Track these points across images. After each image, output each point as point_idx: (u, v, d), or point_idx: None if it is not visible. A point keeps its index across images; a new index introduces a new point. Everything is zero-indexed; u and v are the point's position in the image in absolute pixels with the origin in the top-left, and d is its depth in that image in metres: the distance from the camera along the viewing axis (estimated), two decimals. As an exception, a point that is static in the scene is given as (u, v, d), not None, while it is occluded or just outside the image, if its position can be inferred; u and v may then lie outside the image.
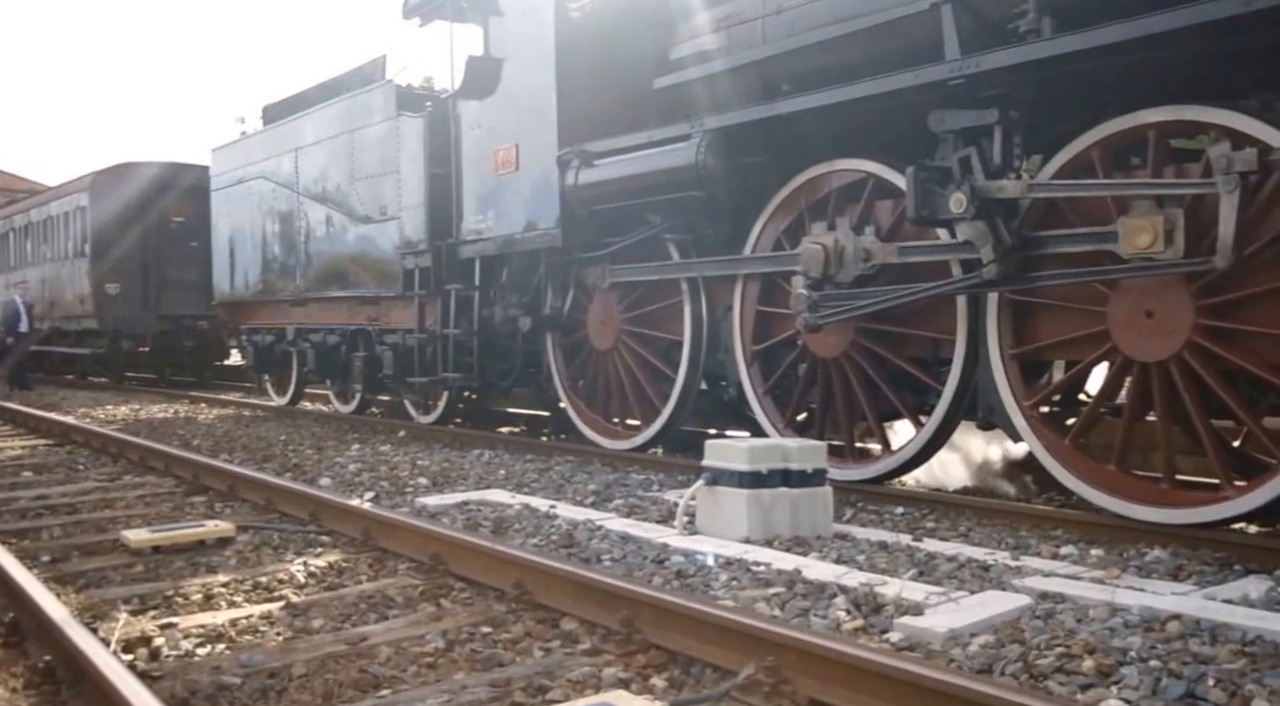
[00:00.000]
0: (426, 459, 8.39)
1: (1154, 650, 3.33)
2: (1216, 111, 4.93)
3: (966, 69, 5.53)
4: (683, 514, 5.44)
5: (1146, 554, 4.79)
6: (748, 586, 4.30)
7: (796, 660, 3.10)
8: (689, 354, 7.83)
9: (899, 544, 5.08)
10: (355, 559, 5.04)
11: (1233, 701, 2.90)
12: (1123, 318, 5.33)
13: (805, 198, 6.98)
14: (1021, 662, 3.25)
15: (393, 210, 10.44)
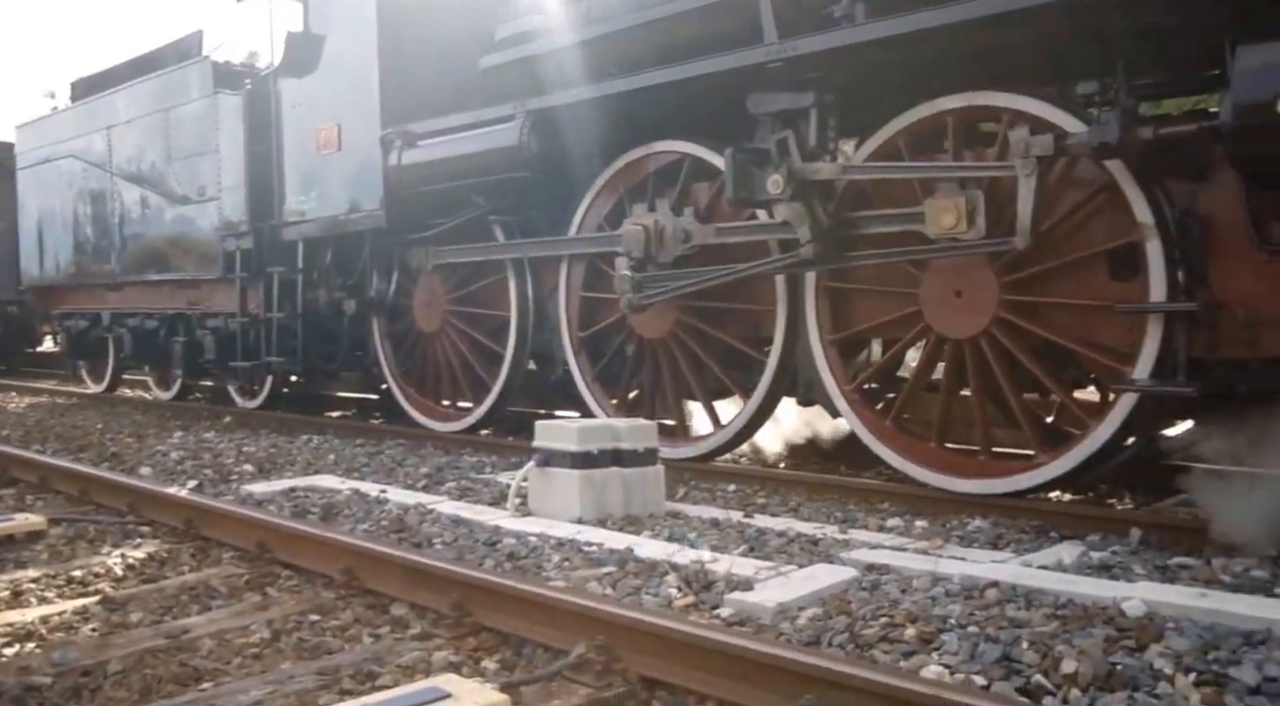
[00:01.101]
0: (252, 445, 8.21)
1: (973, 616, 3.45)
2: (1013, 97, 5.20)
3: (783, 53, 5.65)
4: (514, 495, 5.44)
5: (968, 524, 5.00)
6: (580, 566, 4.32)
7: (628, 638, 3.13)
8: (515, 335, 7.84)
9: (730, 521, 5.16)
10: (176, 549, 4.91)
11: (1044, 662, 3.01)
12: (934, 297, 5.58)
13: (627, 180, 7.07)
14: (848, 633, 3.35)
15: (212, 191, 10.10)
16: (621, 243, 6.73)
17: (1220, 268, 4.75)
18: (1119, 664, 2.95)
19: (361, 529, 5.16)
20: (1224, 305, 4.71)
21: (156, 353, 11.55)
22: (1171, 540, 4.51)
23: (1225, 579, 3.95)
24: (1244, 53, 4.19)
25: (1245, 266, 4.66)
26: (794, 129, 5.79)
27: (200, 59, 10.44)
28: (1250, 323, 4.64)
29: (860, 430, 5.95)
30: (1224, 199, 4.71)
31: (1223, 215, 4.73)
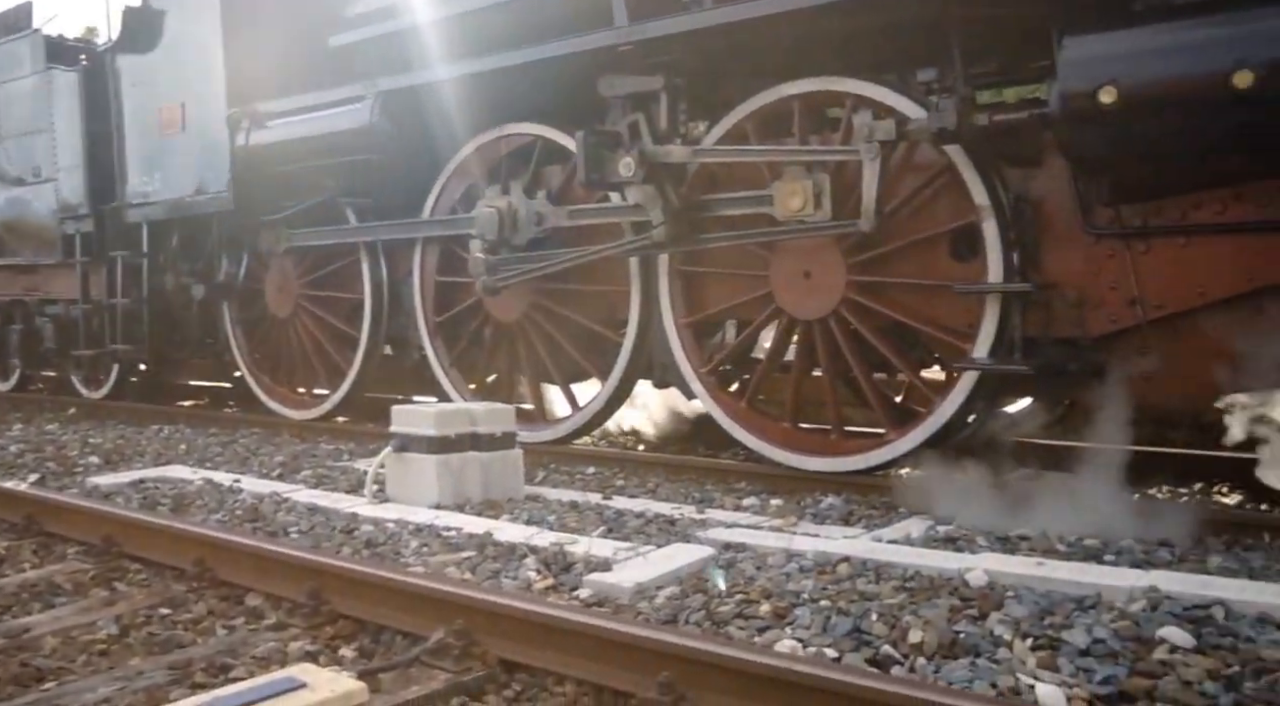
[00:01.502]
0: (99, 436, 7.95)
1: (825, 591, 3.54)
2: (857, 83, 5.35)
3: (632, 36, 5.69)
4: (372, 482, 5.39)
5: (822, 501, 5.12)
6: (438, 551, 4.30)
7: (486, 622, 3.13)
8: (370, 319, 7.73)
9: (589, 503, 5.19)
10: (16, 547, 4.71)
11: (893, 633, 3.10)
12: (784, 279, 5.71)
13: (480, 163, 7.02)
14: (704, 611, 3.40)
15: (48, 171, 9.68)
16: (475, 225, 6.70)
17: (1052, 250, 4.99)
18: (962, 632, 3.07)
19: (214, 519, 5.05)
20: (1055, 286, 4.96)
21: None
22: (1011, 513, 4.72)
23: (1061, 548, 4.16)
24: (1069, 44, 4.40)
25: (1075, 249, 4.91)
26: (645, 112, 5.84)
27: (30, 32, 9.95)
28: (1079, 303, 4.89)
29: (715, 412, 6.05)
30: (1055, 184, 4.95)
31: (1054, 200, 4.97)
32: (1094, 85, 4.25)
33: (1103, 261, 4.83)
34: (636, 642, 2.85)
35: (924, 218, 5.34)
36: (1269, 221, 4.44)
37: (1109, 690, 2.68)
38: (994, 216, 5.00)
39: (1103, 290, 4.83)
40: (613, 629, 2.94)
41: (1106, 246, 4.82)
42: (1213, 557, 4.06)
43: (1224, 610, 3.18)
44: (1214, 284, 4.57)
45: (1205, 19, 4.17)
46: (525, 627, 3.07)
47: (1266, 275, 4.45)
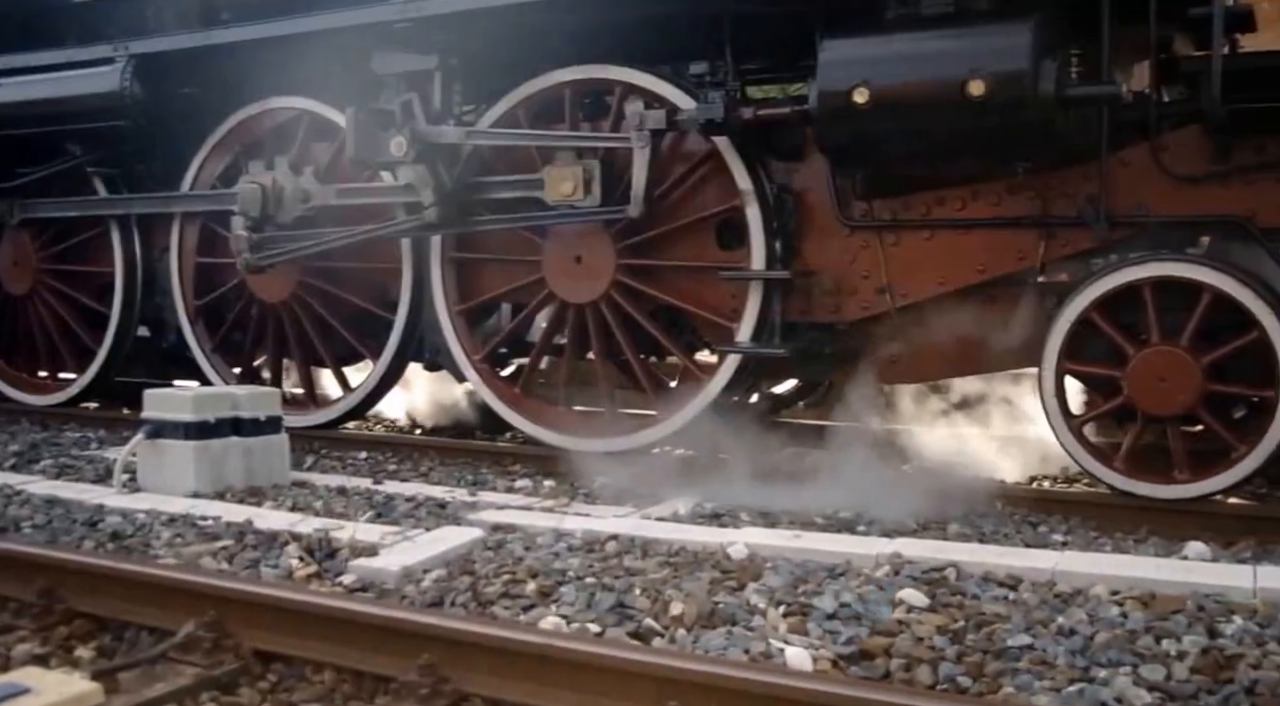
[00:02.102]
0: None
1: (591, 568, 3.59)
2: (629, 72, 5.43)
3: (408, 13, 5.58)
4: (121, 471, 5.10)
5: (595, 481, 5.16)
6: (193, 542, 4.13)
7: (241, 612, 3.03)
8: (122, 299, 7.26)
9: (358, 488, 5.11)
10: None
11: (655, 606, 3.18)
12: (556, 264, 5.74)
13: (243, 136, 6.73)
14: (471, 592, 3.39)
15: None
16: (237, 201, 6.38)
17: (811, 240, 5.25)
18: (721, 603, 3.20)
19: None
20: (814, 274, 5.22)
21: None
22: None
23: (819, 520, 4.39)
24: (828, 46, 4.66)
25: (832, 240, 5.20)
26: (419, 92, 5.76)
27: None
28: (835, 290, 5.18)
29: (489, 397, 6.04)
30: (815, 177, 5.23)
31: (814, 192, 5.25)
32: (848, 85, 4.51)
33: (857, 252, 5.13)
34: (397, 626, 2.83)
35: (693, 205, 5.50)
36: (1000, 218, 4.84)
37: (851, 649, 2.87)
38: (758, 206, 5.20)
39: (856, 279, 5.13)
40: (372, 613, 2.90)
41: (860, 238, 5.12)
42: (951, 525, 4.40)
43: (955, 571, 3.45)
44: (953, 275, 4.94)
45: (947, 30, 4.51)
46: (282, 617, 2.98)
47: (997, 267, 4.86)
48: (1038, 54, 4.28)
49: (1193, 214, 4.59)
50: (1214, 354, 4.39)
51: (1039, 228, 4.79)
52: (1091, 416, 4.74)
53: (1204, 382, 4.38)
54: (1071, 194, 4.73)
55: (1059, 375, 4.63)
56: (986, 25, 4.44)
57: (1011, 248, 4.85)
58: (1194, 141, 4.57)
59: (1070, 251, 4.77)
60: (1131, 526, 4.41)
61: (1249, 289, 4.30)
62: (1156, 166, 4.59)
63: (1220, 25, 4.25)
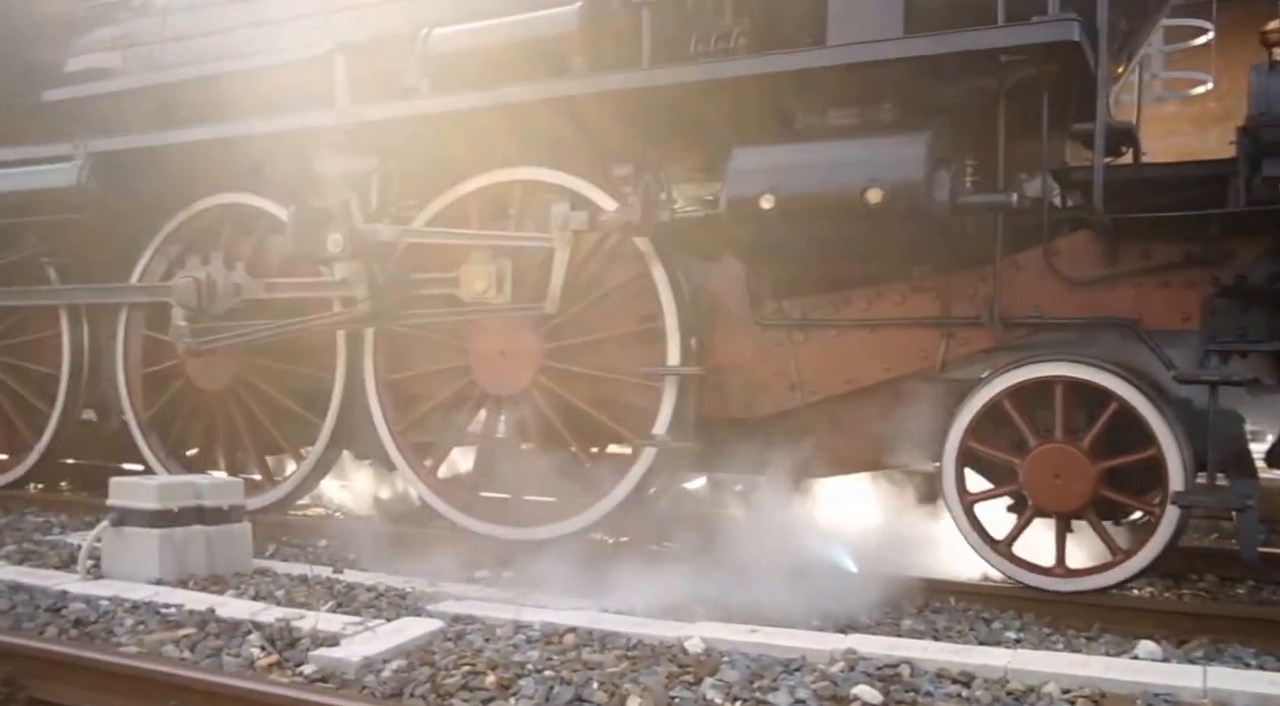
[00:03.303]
0: None
1: (550, 661, 3.64)
2: (555, 174, 5.66)
3: (350, 118, 5.88)
4: (86, 557, 5.12)
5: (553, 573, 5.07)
6: (156, 629, 4.17)
7: (202, 702, 3.07)
8: (67, 384, 7.43)
9: (320, 577, 5.13)
10: None
11: (613, 700, 3.22)
12: (481, 357, 5.92)
13: (192, 229, 6.98)
14: (430, 684, 3.42)
15: None
16: (173, 294, 6.62)
17: (726, 337, 5.45)
18: (677, 697, 3.26)
19: None
20: (728, 370, 5.40)
21: None
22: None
23: (773, 615, 4.34)
24: (737, 154, 4.91)
25: (745, 337, 5.39)
26: (357, 190, 6.00)
27: None
28: (748, 386, 5.36)
29: (417, 485, 6.17)
30: (731, 277, 5.43)
31: (730, 291, 5.45)
32: (756, 192, 4.76)
33: (769, 349, 5.32)
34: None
35: (614, 301, 5.69)
36: (903, 318, 5.06)
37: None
38: (674, 304, 5.41)
39: (768, 376, 5.32)
40: (333, 704, 2.94)
41: (772, 336, 5.31)
42: (905, 620, 4.45)
43: (910, 668, 3.53)
44: (859, 373, 5.14)
45: (849, 141, 4.78)
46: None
47: (902, 365, 5.06)
48: (932, 164, 4.53)
49: (1084, 315, 4.79)
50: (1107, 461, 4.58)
51: (940, 328, 4.99)
52: (983, 496, 4.88)
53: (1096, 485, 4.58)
54: (971, 295, 4.95)
55: (959, 467, 4.82)
56: (885, 137, 4.71)
57: (915, 347, 5.05)
58: (1085, 246, 4.80)
59: (970, 351, 4.97)
60: (1084, 624, 4.45)
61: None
62: (1050, 270, 4.82)
63: (1102, 140, 4.52)
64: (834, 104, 4.94)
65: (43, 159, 7.08)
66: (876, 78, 4.77)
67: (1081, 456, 4.61)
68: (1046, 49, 4.46)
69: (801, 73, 4.83)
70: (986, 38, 4.50)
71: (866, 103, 4.87)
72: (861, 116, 4.85)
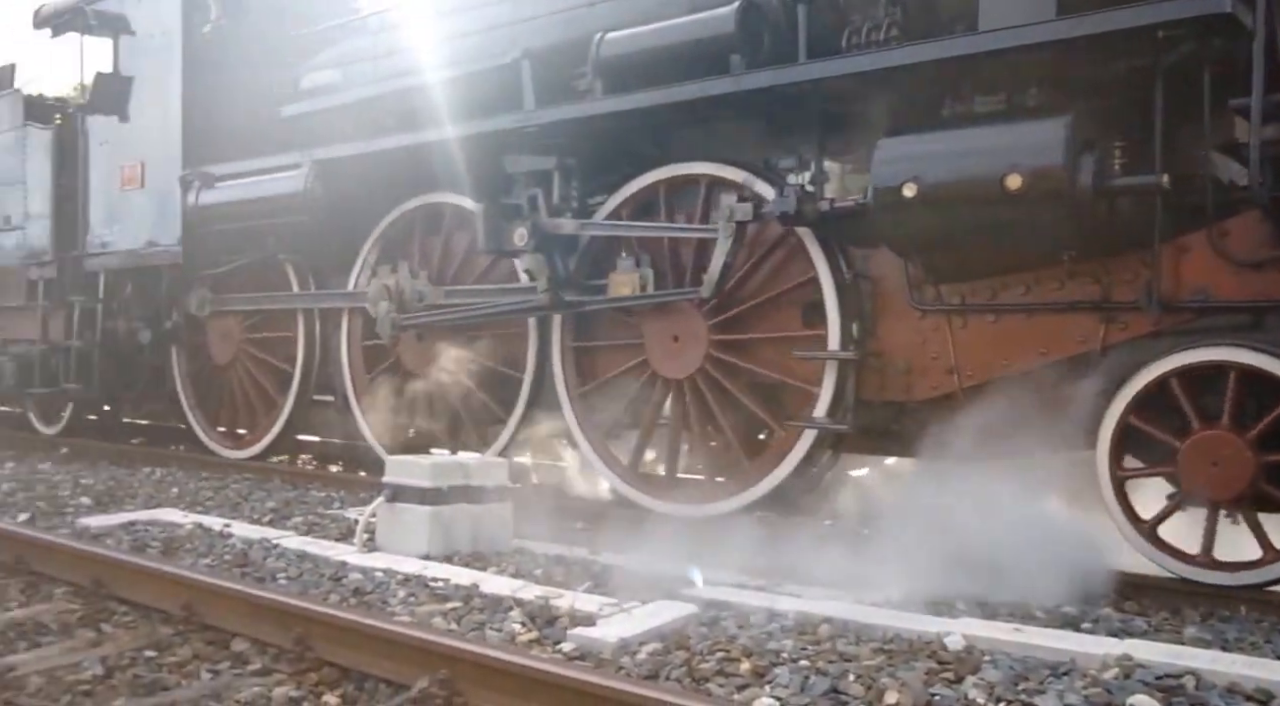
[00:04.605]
0: (91, 477, 7.94)
1: (805, 651, 3.57)
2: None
3: (528, 120, 6.33)
4: (362, 531, 5.41)
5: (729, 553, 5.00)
6: (425, 602, 4.32)
7: (470, 672, 3.14)
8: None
9: (576, 557, 5.19)
10: (4, 585, 4.74)
11: (869, 694, 3.14)
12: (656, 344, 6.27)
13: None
14: (685, 667, 3.41)
15: (18, 220, 10.27)
16: (369, 299, 7.50)
17: (885, 322, 5.54)
18: (937, 695, 3.13)
19: (203, 564, 5.06)
20: (888, 354, 5.50)
21: None
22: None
23: (1039, 615, 4.21)
24: (883, 145, 5.00)
25: (906, 322, 5.46)
26: (543, 187, 6.43)
27: (12, 91, 10.59)
28: (907, 370, 5.44)
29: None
30: (890, 264, 5.51)
31: (890, 278, 5.54)
32: (899, 182, 4.84)
33: (928, 334, 5.37)
34: (617, 697, 2.88)
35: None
36: (1061, 302, 5.01)
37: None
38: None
39: (926, 360, 5.38)
40: (594, 682, 2.96)
41: (930, 321, 5.37)
42: (1188, 628, 4.13)
43: (1195, 680, 3.28)
44: (1017, 357, 5.13)
45: (991, 127, 4.79)
46: (508, 679, 3.09)
47: (1059, 350, 5.02)
48: (1074, 147, 4.46)
49: (1255, 299, 4.60)
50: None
51: (1099, 312, 4.91)
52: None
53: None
54: (1131, 279, 4.83)
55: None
56: (1025, 122, 4.67)
57: (1073, 331, 4.99)
58: (1255, 226, 4.58)
59: (1131, 334, 4.86)
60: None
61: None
62: (1217, 252, 4.65)
63: (1258, 114, 4.32)
64: (982, 90, 4.94)
65: (277, 168, 7.88)
66: (1028, 62, 4.73)
67: (1244, 446, 4.45)
68: (1204, 22, 4.31)
69: (965, 58, 4.81)
70: (1144, 14, 4.38)
71: (1013, 88, 4.85)
72: (1007, 102, 4.84)
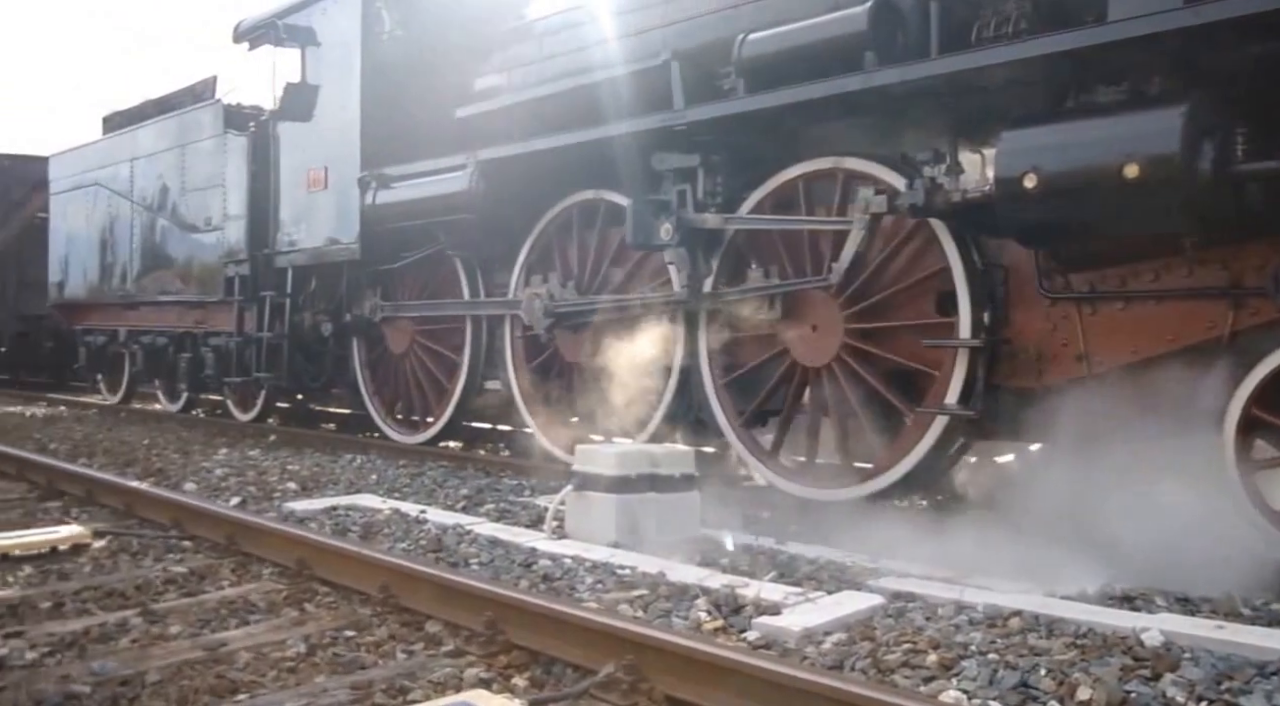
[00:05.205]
0: (296, 463, 8.37)
1: (994, 644, 3.50)
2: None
3: (674, 120, 6.61)
4: (552, 518, 5.52)
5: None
6: (612, 588, 4.38)
7: (655, 659, 3.16)
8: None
9: (762, 547, 5.21)
10: (217, 564, 5.00)
11: (1061, 689, 3.07)
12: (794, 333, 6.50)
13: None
14: (870, 658, 3.39)
15: (217, 221, 11.18)
16: (523, 308, 8.12)
17: (1017, 310, 5.62)
18: (1133, 692, 3.04)
19: (400, 548, 5.24)
20: (1018, 341, 5.59)
21: (165, 367, 12.68)
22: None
23: (1245, 612, 4.01)
24: (1005, 136, 5.09)
25: (1036, 310, 5.54)
26: (691, 183, 6.74)
27: (213, 101, 11.58)
28: (1038, 357, 5.51)
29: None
30: (1021, 252, 5.57)
31: (1020, 266, 5.61)
32: (1019, 172, 4.92)
33: (1058, 321, 5.44)
34: (801, 686, 2.86)
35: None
36: (1190, 289, 5.03)
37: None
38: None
39: (1056, 347, 5.44)
40: (778, 671, 2.96)
41: (1061, 308, 5.43)
42: None
43: None
44: (1146, 343, 5.17)
45: (1106, 117, 4.83)
46: (693, 666, 3.10)
47: (1187, 336, 5.04)
48: (1192, 134, 4.46)
49: None
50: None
51: (1227, 298, 4.90)
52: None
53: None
54: (1261, 266, 4.80)
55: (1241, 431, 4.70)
56: (1143, 111, 4.69)
57: (1202, 317, 4.99)
58: None
59: (1260, 321, 4.83)
60: None
61: None
62: None
63: None
64: (1107, 80, 4.98)
65: (445, 168, 8.43)
66: (1155, 51, 4.74)
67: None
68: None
69: (1101, 46, 4.79)
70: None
71: (1138, 77, 4.88)
72: (1130, 91, 4.87)
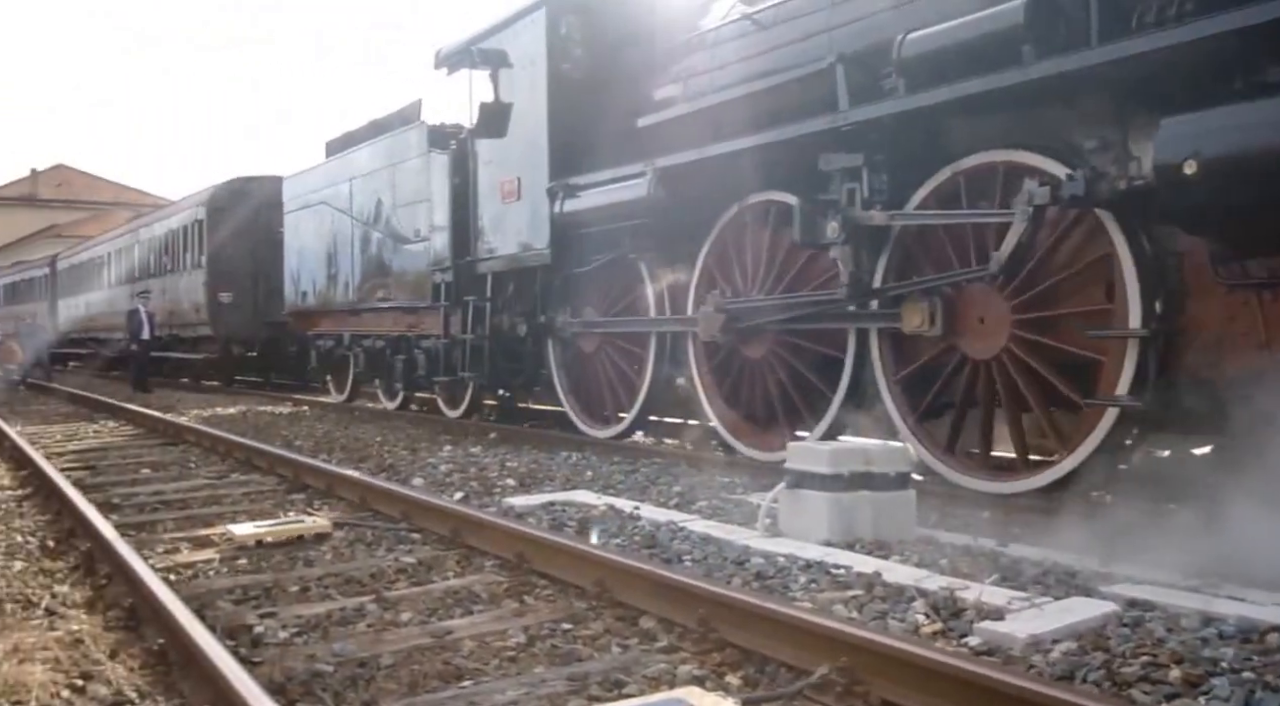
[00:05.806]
0: (515, 460, 8.59)
1: (1249, 661, 3.19)
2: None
3: (836, 122, 6.72)
4: (764, 516, 5.44)
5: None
6: (826, 588, 4.29)
7: (871, 661, 3.07)
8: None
9: (983, 548, 4.99)
10: (443, 556, 5.14)
11: None
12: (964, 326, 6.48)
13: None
14: (1104, 670, 3.18)
15: (425, 232, 11.99)
16: (699, 324, 8.39)
17: (1191, 298, 5.46)
18: None
19: (615, 543, 5.29)
20: (1195, 331, 5.43)
21: (383, 368, 13.70)
22: None
23: None
24: (1165, 124, 4.96)
25: (1212, 298, 5.36)
26: (858, 182, 6.82)
27: (419, 123, 12.39)
28: (1216, 347, 5.33)
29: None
30: (1195, 240, 5.38)
31: (1194, 253, 5.44)
32: (1180, 159, 4.81)
33: (1236, 309, 5.24)
34: (1028, 697, 2.70)
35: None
36: None
37: None
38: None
39: (1235, 336, 5.25)
40: (1003, 680, 2.78)
41: (1239, 296, 5.23)
42: None
43: None
44: None
45: (1267, 101, 4.66)
46: (911, 671, 2.98)
47: None
48: None
49: None
50: None
51: None
52: None
53: None
54: None
55: None
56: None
57: None
58: None
59: None
60: None
61: None
62: None
63: None
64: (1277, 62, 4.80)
65: (626, 176, 8.77)
66: None
67: None
68: None
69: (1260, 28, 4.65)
70: None
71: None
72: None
